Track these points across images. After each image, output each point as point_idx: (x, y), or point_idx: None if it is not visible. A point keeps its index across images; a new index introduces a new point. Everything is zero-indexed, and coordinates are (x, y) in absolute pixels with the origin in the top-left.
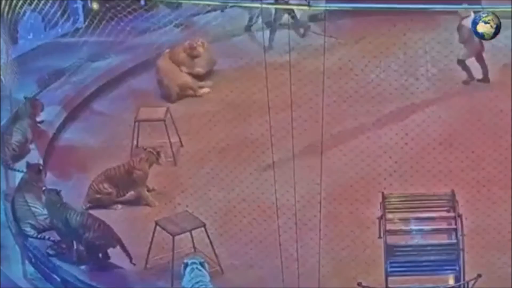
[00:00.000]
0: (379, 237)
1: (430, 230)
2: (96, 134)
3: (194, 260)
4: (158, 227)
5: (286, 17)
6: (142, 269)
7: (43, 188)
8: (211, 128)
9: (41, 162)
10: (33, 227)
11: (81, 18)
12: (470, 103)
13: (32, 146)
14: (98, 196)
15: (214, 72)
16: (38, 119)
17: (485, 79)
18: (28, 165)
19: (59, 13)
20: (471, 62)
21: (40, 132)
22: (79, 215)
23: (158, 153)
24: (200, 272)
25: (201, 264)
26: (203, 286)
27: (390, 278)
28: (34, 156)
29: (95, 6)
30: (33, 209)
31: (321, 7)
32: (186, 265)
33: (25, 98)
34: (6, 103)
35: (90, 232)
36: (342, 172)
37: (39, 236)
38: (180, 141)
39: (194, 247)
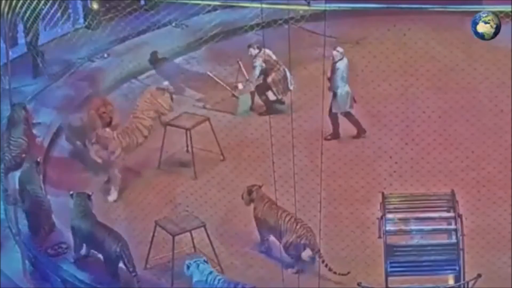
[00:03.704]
0: (379, 237)
1: (430, 230)
2: None
3: (196, 259)
4: (158, 227)
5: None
6: (142, 269)
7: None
8: (211, 128)
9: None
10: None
11: (81, 18)
12: (470, 103)
13: None
14: None
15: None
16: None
17: (361, 131)
18: (13, 104)
19: (59, 13)
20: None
21: (35, 137)
22: (93, 225)
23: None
24: (207, 265)
25: (205, 261)
26: (219, 277)
27: (390, 278)
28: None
29: (95, 6)
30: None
31: (321, 7)
32: (188, 266)
33: (15, 104)
34: (6, 103)
35: (106, 245)
36: (342, 172)
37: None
38: (222, 154)
39: (194, 247)
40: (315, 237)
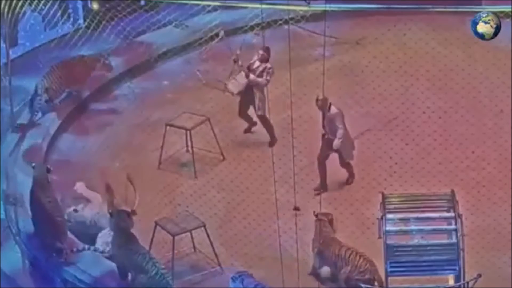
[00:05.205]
0: (379, 237)
1: (430, 230)
2: (95, 134)
3: (241, 273)
4: (158, 227)
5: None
6: None
7: (110, 211)
8: (211, 128)
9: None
10: None
11: (81, 18)
12: (470, 103)
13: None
14: None
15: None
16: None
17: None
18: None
19: (59, 13)
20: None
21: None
22: (141, 255)
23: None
24: (252, 279)
25: (250, 275)
26: (260, 286)
27: (390, 278)
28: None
29: (95, 6)
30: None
31: (321, 7)
32: (234, 279)
33: (102, 55)
34: (6, 102)
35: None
36: (342, 172)
37: None
38: (222, 154)
39: (194, 247)
40: (377, 270)
